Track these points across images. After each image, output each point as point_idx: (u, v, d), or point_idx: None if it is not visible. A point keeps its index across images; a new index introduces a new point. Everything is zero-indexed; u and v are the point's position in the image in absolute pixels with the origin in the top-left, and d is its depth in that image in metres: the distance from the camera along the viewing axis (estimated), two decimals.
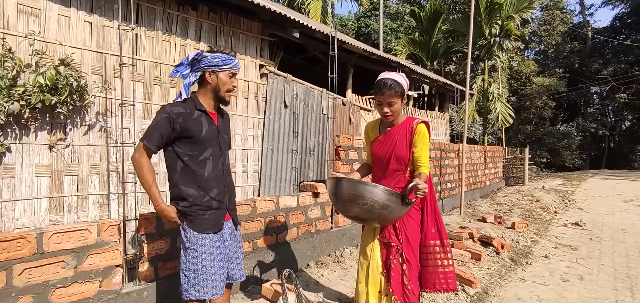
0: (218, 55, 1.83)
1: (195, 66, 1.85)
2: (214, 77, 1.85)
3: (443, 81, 11.35)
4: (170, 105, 1.80)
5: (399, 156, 2.09)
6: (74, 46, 3.44)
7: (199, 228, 1.84)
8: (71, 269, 2.27)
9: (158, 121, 1.75)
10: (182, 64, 1.87)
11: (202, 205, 1.85)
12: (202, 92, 1.89)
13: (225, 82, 1.87)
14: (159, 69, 4.14)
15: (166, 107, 1.79)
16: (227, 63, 1.84)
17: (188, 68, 1.87)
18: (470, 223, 6.00)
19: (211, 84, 1.86)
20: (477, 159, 8.83)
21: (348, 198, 1.88)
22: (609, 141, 25.97)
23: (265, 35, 5.34)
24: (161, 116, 1.76)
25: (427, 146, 2.06)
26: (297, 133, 5.93)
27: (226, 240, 1.98)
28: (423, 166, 2.02)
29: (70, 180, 3.45)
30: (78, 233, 2.32)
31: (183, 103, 1.84)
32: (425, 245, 2.13)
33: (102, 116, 3.65)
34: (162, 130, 1.75)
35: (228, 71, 1.86)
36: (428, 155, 2.08)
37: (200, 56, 1.82)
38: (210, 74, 1.84)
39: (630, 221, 6.66)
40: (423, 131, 2.06)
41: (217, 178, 1.92)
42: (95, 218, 3.62)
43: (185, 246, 1.87)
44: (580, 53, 25.29)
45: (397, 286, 1.99)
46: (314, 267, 3.80)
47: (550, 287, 3.56)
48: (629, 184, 12.67)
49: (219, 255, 1.91)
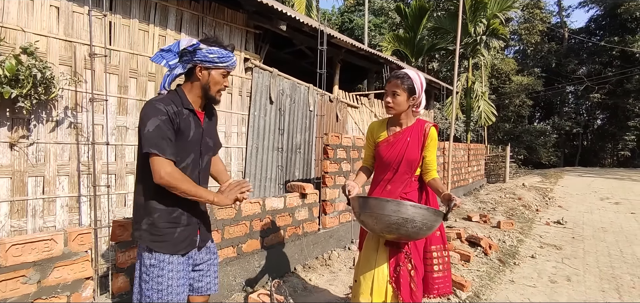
0: (214, 49, 1.57)
1: (185, 57, 1.58)
2: (205, 73, 1.59)
3: (428, 78, 11.36)
4: (160, 102, 1.51)
5: (411, 160, 1.99)
6: (38, 33, 3.12)
7: (169, 249, 1.59)
8: (33, 284, 2.02)
9: (159, 125, 1.47)
10: (170, 50, 1.59)
11: (171, 221, 1.60)
12: (188, 87, 1.62)
13: (217, 81, 1.62)
14: (136, 61, 3.85)
15: (158, 105, 1.50)
16: (223, 61, 1.60)
17: (176, 57, 1.59)
18: (456, 221, 5.98)
19: (201, 81, 1.60)
20: (461, 157, 8.88)
21: (396, 222, 1.66)
22: (582, 139, 26.95)
23: (250, 27, 5.09)
24: (159, 117, 1.47)
25: (436, 150, 2.06)
26: (283, 130, 5.73)
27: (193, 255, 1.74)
28: (433, 171, 2.03)
29: (35, 181, 3.14)
30: (42, 243, 2.06)
31: (170, 99, 1.57)
32: (428, 250, 2.08)
33: (72, 111, 3.34)
34: (168, 134, 1.49)
35: (223, 69, 1.62)
36: (436, 159, 2.07)
37: (195, 47, 1.55)
38: (202, 69, 1.59)
39: (608, 220, 6.83)
40: (435, 135, 2.04)
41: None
42: (64, 222, 3.32)
43: (145, 264, 1.60)
44: (557, 53, 26.05)
45: (406, 293, 1.90)
46: (301, 270, 3.65)
47: (539, 289, 3.54)
48: (603, 182, 13.12)
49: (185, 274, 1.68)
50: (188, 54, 1.57)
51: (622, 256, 4.64)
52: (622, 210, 7.81)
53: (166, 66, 1.60)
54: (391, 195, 2.00)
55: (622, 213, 7.52)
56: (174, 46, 1.59)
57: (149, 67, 3.96)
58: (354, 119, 7.60)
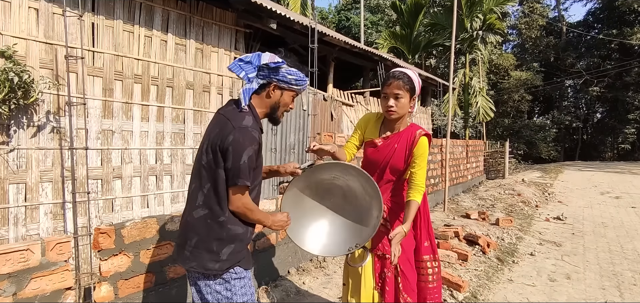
0: (293, 71, 1.56)
1: (262, 72, 1.53)
2: (278, 93, 1.57)
3: (425, 75, 11.26)
4: (254, 129, 1.48)
5: (395, 167, 1.88)
6: (16, 36, 3.02)
7: (247, 265, 1.62)
8: (9, 297, 1.94)
9: (251, 155, 1.44)
10: (250, 62, 1.53)
11: (245, 243, 1.60)
12: (257, 102, 1.57)
13: (286, 103, 1.61)
14: (121, 63, 3.75)
15: (253, 132, 1.46)
16: (299, 84, 1.58)
17: (255, 71, 1.53)
18: (455, 219, 5.90)
19: (272, 99, 1.57)
20: (459, 153, 8.79)
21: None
22: (582, 133, 26.88)
23: (240, 26, 4.99)
24: (253, 147, 1.44)
25: (425, 162, 1.84)
26: (276, 131, 5.64)
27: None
28: (415, 191, 1.78)
29: (16, 189, 3.04)
30: (17, 254, 1.99)
31: (255, 122, 1.52)
32: (419, 260, 2.00)
33: (54, 116, 3.25)
34: (254, 164, 1.48)
35: (295, 92, 1.61)
36: (425, 173, 1.85)
37: (278, 65, 1.51)
38: (276, 88, 1.55)
39: (609, 215, 6.74)
40: (424, 145, 1.85)
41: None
42: (48, 230, 3.23)
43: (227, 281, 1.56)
44: (556, 47, 25.96)
45: (390, 299, 1.86)
46: (294, 273, 3.57)
47: (539, 288, 3.45)
48: (603, 176, 13.03)
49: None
50: (266, 70, 1.52)
51: (623, 252, 4.55)
52: (623, 204, 7.72)
53: (245, 79, 1.54)
54: None
55: (623, 207, 7.44)
56: (255, 59, 1.53)
57: (135, 69, 3.87)
58: (349, 118, 7.51)
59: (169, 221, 2.57)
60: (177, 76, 4.25)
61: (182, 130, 4.33)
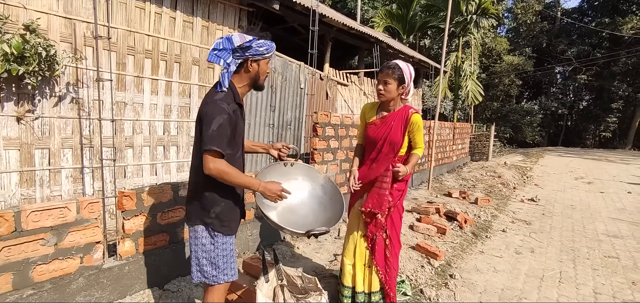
0: (262, 42, 1.69)
1: (237, 53, 1.68)
2: (255, 66, 1.72)
3: (419, 57, 11.52)
4: (223, 101, 1.63)
5: (393, 142, 2.27)
6: (39, 10, 3.22)
7: (230, 231, 1.80)
8: (51, 246, 2.28)
9: (221, 123, 1.58)
10: (224, 49, 1.67)
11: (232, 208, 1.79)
12: (237, 79, 1.73)
13: (265, 71, 1.78)
14: (133, 38, 3.97)
15: (222, 104, 1.62)
16: (269, 50, 1.73)
17: (230, 54, 1.67)
18: (437, 197, 6.37)
19: (251, 72, 1.74)
20: (446, 135, 9.21)
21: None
22: (567, 119, 27.58)
23: (244, 5, 5.19)
24: (222, 116, 1.59)
25: (421, 130, 2.32)
26: (275, 107, 5.93)
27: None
28: (417, 148, 2.34)
29: (41, 153, 3.33)
30: (57, 210, 2.32)
31: (228, 96, 1.67)
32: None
33: (73, 87, 3.50)
34: (227, 132, 1.62)
35: (268, 58, 1.76)
36: (422, 137, 2.36)
37: (250, 43, 1.66)
38: (252, 62, 1.71)
39: (578, 198, 7.31)
40: (418, 120, 2.28)
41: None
42: (69, 192, 3.54)
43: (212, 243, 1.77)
44: (549, 33, 26.20)
45: (380, 259, 2.27)
46: (290, 240, 3.96)
47: (505, 259, 3.94)
48: (580, 162, 13.71)
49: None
50: (240, 51, 1.67)
51: (584, 231, 5.09)
52: (593, 189, 8.32)
53: (224, 65, 1.68)
54: (375, 172, 2.32)
55: (593, 192, 8.03)
56: (226, 43, 1.67)
57: (146, 45, 4.09)
58: (344, 97, 7.81)
59: (182, 188, 2.90)
60: (185, 52, 4.49)
61: (188, 104, 4.60)
